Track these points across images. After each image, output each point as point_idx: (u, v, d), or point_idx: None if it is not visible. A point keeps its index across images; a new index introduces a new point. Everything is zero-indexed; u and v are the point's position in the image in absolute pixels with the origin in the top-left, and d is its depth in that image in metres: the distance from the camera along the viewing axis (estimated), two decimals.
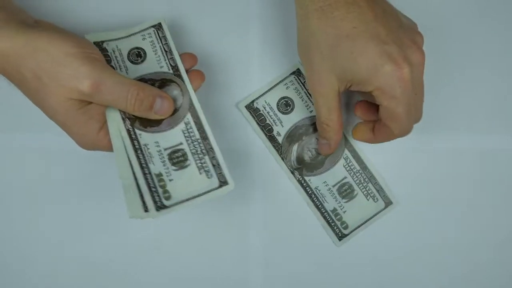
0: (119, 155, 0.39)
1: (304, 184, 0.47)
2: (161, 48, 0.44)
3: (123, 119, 0.40)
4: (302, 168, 0.47)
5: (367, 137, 0.44)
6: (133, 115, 0.40)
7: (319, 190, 0.47)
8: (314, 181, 0.47)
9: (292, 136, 0.47)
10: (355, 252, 0.47)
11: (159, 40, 0.44)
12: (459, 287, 0.48)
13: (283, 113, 0.48)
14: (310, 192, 0.47)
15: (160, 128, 0.41)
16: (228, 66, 0.48)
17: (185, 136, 0.41)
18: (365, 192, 0.46)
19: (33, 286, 0.47)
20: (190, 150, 0.40)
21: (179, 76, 0.43)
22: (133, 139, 0.40)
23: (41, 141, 0.47)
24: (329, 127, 0.42)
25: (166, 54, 0.44)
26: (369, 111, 0.44)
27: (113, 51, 0.43)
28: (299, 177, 0.47)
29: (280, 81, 0.48)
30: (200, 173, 0.40)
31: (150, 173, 0.39)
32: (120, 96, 0.37)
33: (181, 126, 0.41)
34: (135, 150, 0.39)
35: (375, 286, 0.47)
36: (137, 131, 0.40)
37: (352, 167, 0.47)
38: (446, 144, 0.49)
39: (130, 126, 0.40)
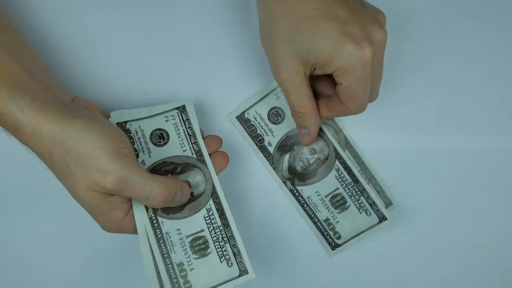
0: (143, 244, 0.39)
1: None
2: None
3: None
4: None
5: (322, 114, 0.44)
6: None
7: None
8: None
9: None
10: (356, 254, 0.47)
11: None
12: (459, 287, 0.48)
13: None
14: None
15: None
16: (219, 77, 0.48)
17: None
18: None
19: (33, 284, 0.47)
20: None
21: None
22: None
23: None
24: (304, 115, 0.42)
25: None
26: (327, 85, 0.43)
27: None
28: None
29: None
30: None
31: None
32: (142, 195, 0.37)
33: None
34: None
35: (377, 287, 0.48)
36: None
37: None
38: (447, 145, 0.49)
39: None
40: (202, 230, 0.41)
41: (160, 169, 0.42)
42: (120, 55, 0.48)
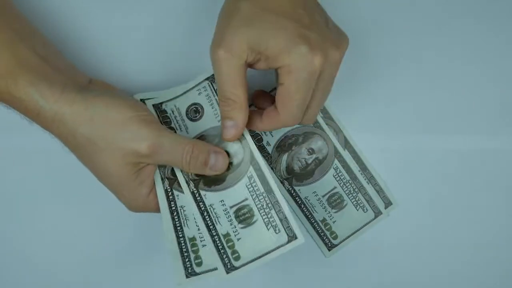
0: (165, 218, 0.40)
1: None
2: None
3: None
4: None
5: (255, 124, 0.41)
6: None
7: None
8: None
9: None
10: (355, 253, 0.48)
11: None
12: (459, 287, 0.48)
13: None
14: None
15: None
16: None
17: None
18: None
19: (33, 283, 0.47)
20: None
21: None
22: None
23: (42, 142, 0.45)
24: (235, 103, 0.38)
25: None
26: (264, 100, 0.43)
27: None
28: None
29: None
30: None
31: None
32: (176, 155, 0.38)
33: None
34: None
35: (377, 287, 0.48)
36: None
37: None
38: (447, 145, 0.49)
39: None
40: (246, 199, 0.40)
41: None
42: (131, 41, 0.48)
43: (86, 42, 0.47)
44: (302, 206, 0.46)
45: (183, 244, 0.39)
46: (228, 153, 0.41)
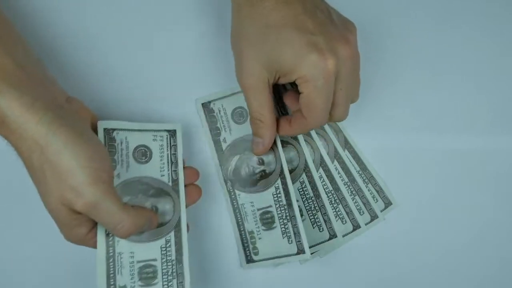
0: (100, 265, 0.39)
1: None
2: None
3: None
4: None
5: (284, 129, 0.43)
6: None
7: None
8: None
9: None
10: (354, 253, 0.47)
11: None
12: (459, 287, 0.48)
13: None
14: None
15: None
16: (199, 61, 0.48)
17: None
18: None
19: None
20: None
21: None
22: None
23: None
24: (262, 123, 0.42)
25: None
26: (297, 101, 0.41)
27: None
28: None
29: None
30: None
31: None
32: (110, 224, 0.37)
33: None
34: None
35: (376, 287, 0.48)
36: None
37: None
38: (447, 145, 0.49)
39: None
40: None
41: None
42: (114, 60, 0.47)
43: (71, 55, 0.46)
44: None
45: None
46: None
